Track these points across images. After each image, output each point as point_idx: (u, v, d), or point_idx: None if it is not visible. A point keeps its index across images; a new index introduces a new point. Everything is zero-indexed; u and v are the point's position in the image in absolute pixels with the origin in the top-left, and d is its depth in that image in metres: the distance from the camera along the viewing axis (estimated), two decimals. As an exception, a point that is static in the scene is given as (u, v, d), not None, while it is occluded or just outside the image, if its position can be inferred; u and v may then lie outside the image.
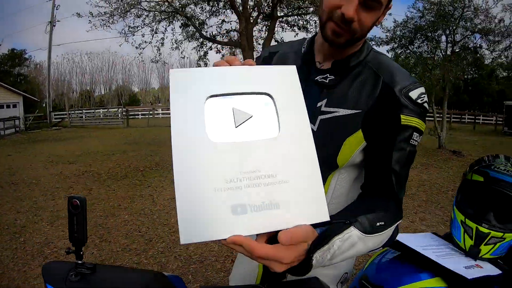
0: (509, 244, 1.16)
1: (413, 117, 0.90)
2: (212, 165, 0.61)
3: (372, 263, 1.24)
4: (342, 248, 0.73)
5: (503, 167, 1.21)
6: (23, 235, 4.18)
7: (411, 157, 0.94)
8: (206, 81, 0.66)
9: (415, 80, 0.93)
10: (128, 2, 8.03)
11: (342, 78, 0.97)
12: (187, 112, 0.64)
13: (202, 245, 3.80)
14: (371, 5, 0.85)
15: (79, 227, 1.04)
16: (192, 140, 0.62)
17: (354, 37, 0.90)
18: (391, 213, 0.87)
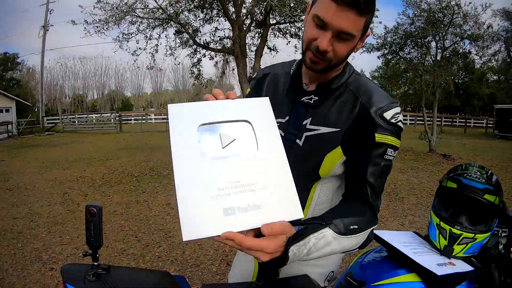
0: (481, 244, 1.30)
1: (387, 135, 1.03)
2: (207, 178, 0.78)
3: (357, 262, 1.38)
4: (317, 245, 0.88)
5: (475, 175, 1.35)
6: (20, 240, 4.24)
7: (386, 170, 1.07)
8: (197, 112, 0.85)
9: (392, 101, 1.06)
10: (122, 9, 8.12)
11: (325, 99, 1.11)
12: (183, 137, 0.81)
13: (197, 249, 3.91)
14: (344, 37, 0.97)
15: (95, 233, 1.17)
16: (189, 159, 0.79)
17: (331, 65, 1.03)
18: (366, 219, 1.01)
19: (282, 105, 1.18)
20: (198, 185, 0.77)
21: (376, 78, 15.80)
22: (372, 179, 1.05)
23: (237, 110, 0.88)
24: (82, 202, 5.80)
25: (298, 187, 0.98)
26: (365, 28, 0.99)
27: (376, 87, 1.10)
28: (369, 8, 0.93)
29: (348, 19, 0.93)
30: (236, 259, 1.45)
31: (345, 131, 1.06)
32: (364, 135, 1.04)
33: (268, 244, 0.77)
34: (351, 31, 0.95)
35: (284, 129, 1.15)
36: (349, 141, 1.06)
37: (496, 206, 1.31)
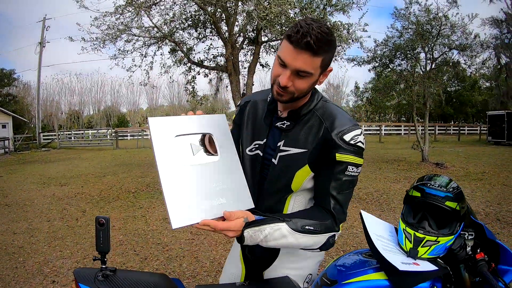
0: (445, 246, 1.44)
1: (347, 155, 1.21)
2: (185, 180, 1.04)
3: (332, 264, 1.54)
4: (274, 235, 1.14)
5: (437, 185, 1.53)
6: (21, 255, 4.36)
7: (348, 185, 1.24)
8: (172, 125, 1.09)
9: (353, 124, 1.25)
10: (119, 27, 8.32)
11: (296, 124, 1.31)
12: (164, 145, 1.04)
13: (194, 261, 4.04)
14: (303, 75, 1.15)
15: (104, 240, 1.35)
16: (171, 164, 1.04)
17: (294, 97, 1.23)
18: (324, 225, 1.20)
19: (261, 129, 1.39)
20: (179, 186, 1.03)
21: (369, 89, 16.06)
22: (335, 192, 1.24)
23: (202, 124, 1.16)
24: (80, 218, 5.91)
25: (275, 199, 1.30)
26: (325, 66, 1.18)
27: (340, 112, 1.30)
28: (323, 49, 1.11)
29: (303, 60, 1.12)
30: (226, 264, 1.65)
31: (311, 151, 1.25)
32: (327, 155, 1.23)
33: (232, 224, 1.07)
34: (307, 69, 1.14)
35: (262, 149, 1.37)
36: (315, 160, 1.25)
37: (457, 212, 1.46)
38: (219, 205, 1.08)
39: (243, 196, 1.15)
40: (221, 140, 1.17)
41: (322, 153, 1.24)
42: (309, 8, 6.58)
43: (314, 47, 1.08)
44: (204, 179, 1.08)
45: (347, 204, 1.27)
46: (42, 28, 28.85)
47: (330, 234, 1.23)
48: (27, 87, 44.21)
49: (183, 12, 8.86)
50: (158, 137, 1.04)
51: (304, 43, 1.08)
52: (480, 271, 1.39)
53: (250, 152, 1.41)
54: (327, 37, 1.10)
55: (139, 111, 54.76)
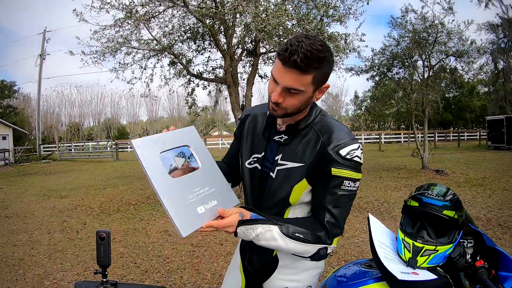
0: (444, 255, 1.45)
1: (343, 169, 1.22)
2: (180, 192, 1.14)
3: (332, 275, 1.55)
4: (265, 236, 1.20)
5: (434, 194, 1.54)
6: (22, 267, 4.35)
7: (345, 200, 1.25)
8: (154, 143, 1.17)
9: (351, 138, 1.25)
10: (118, 41, 8.38)
11: (293, 138, 1.32)
12: (153, 163, 1.12)
13: (195, 273, 4.02)
14: (293, 92, 1.17)
15: (104, 254, 1.37)
16: (163, 180, 1.12)
17: (288, 113, 1.25)
18: (314, 236, 1.23)
19: (259, 142, 1.41)
20: (176, 198, 1.12)
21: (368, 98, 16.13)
22: (330, 206, 1.25)
23: (179, 138, 1.25)
24: (81, 230, 5.91)
25: (273, 211, 1.35)
26: (317, 82, 1.19)
27: (338, 126, 1.30)
28: (313, 67, 1.12)
29: (292, 78, 1.14)
30: (226, 276, 1.65)
31: (309, 165, 1.26)
32: (324, 169, 1.24)
33: (230, 220, 1.18)
34: (296, 87, 1.16)
35: (260, 163, 1.39)
36: (313, 174, 1.27)
37: (455, 220, 1.48)
38: (213, 207, 1.20)
39: (228, 195, 1.28)
40: (198, 149, 1.28)
41: (319, 167, 1.25)
42: (307, 19, 6.64)
43: (301, 66, 1.10)
44: (195, 187, 1.19)
45: (343, 218, 1.28)
46: (42, 40, 29.11)
47: (321, 246, 1.24)
48: (27, 99, 44.46)
49: (182, 24, 8.94)
50: (145, 157, 1.11)
51: (292, 61, 1.10)
52: (480, 279, 1.40)
53: (249, 165, 1.43)
54: (318, 54, 1.11)
55: (139, 123, 54.90)
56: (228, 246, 4.87)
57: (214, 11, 6.62)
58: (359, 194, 8.14)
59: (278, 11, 5.96)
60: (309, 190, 1.30)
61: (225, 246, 4.90)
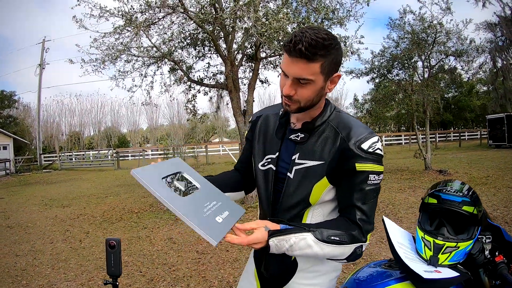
0: (464, 251, 1.42)
1: (366, 164, 1.19)
2: (195, 207, 1.14)
3: (351, 278, 1.51)
4: (299, 245, 1.14)
5: (453, 190, 1.50)
6: (25, 278, 4.29)
7: (372, 194, 1.22)
8: (154, 171, 1.19)
9: (369, 132, 1.23)
10: (118, 48, 8.37)
11: (310, 136, 1.29)
12: (160, 187, 1.13)
13: (202, 281, 3.97)
14: (303, 82, 1.16)
15: (115, 263, 1.31)
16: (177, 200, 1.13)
17: (301, 106, 1.23)
18: (350, 236, 1.18)
19: (272, 143, 1.37)
20: (195, 212, 1.12)
21: (368, 101, 16.08)
22: (360, 203, 1.21)
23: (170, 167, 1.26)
24: (84, 239, 5.85)
25: (292, 213, 1.30)
26: (327, 71, 1.17)
27: (355, 121, 1.28)
28: (319, 54, 1.11)
29: (299, 67, 1.13)
30: (240, 282, 1.59)
31: (329, 163, 1.23)
32: (347, 166, 1.21)
33: (256, 237, 1.12)
34: (305, 76, 1.14)
35: (274, 163, 1.34)
36: (334, 171, 1.23)
37: (475, 216, 1.44)
38: (227, 216, 1.19)
39: (235, 207, 1.27)
40: (190, 173, 1.30)
41: (341, 164, 1.22)
42: (307, 22, 6.62)
43: (307, 54, 1.10)
44: (206, 202, 1.20)
45: (373, 213, 1.25)
46: (42, 50, 29.13)
47: (357, 244, 1.21)
48: (27, 109, 44.47)
49: (182, 31, 8.92)
50: (151, 182, 1.13)
51: (297, 50, 1.10)
52: (501, 274, 1.38)
53: (262, 167, 1.38)
54: (323, 42, 1.10)
55: (139, 131, 54.85)
56: (234, 253, 4.81)
57: (214, 16, 6.60)
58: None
59: (278, 14, 5.93)
60: (329, 189, 1.27)
61: (231, 252, 4.84)
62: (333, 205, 1.32)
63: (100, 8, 7.41)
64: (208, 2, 6.81)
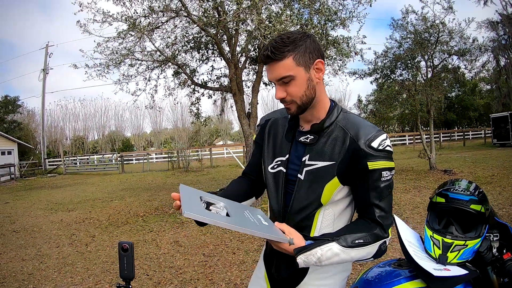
0: (473, 249, 1.43)
1: (378, 161, 1.22)
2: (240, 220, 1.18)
3: (361, 278, 1.52)
4: (326, 255, 1.17)
5: (460, 189, 1.51)
6: (31, 282, 4.31)
7: (387, 190, 1.25)
8: (195, 192, 1.25)
9: (378, 130, 1.25)
10: (122, 53, 8.40)
11: (319, 137, 1.31)
12: (196, 206, 1.15)
13: (209, 284, 3.97)
14: (286, 80, 1.22)
15: (128, 266, 1.31)
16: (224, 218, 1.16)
17: (299, 104, 1.26)
18: (373, 235, 1.21)
19: (282, 145, 1.39)
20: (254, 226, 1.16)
21: (372, 102, 16.05)
22: (377, 201, 1.24)
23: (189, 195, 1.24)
24: (90, 243, 5.86)
25: (303, 215, 1.32)
26: (303, 62, 1.21)
27: (362, 120, 1.30)
28: (286, 50, 1.18)
29: (274, 69, 1.21)
30: (250, 285, 1.59)
31: (339, 163, 1.25)
32: (359, 166, 1.22)
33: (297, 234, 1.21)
34: (284, 74, 1.21)
35: (284, 165, 1.36)
36: (345, 171, 1.25)
37: (482, 214, 1.45)
38: (263, 218, 1.27)
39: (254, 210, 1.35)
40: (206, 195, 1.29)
41: (352, 164, 1.24)
42: (310, 24, 6.63)
43: (273, 55, 1.19)
44: (242, 214, 1.25)
45: (390, 208, 1.28)
46: (45, 55, 29.27)
47: (381, 241, 1.24)
48: (31, 114, 44.62)
49: (185, 34, 8.96)
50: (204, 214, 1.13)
51: (265, 56, 1.21)
52: (509, 271, 1.39)
53: (272, 169, 1.40)
54: (287, 40, 1.19)
55: (143, 135, 54.94)
56: (241, 255, 4.82)
57: (217, 19, 6.62)
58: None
59: (281, 16, 5.95)
60: (340, 189, 1.28)
61: (238, 255, 4.84)
62: (343, 204, 1.33)
63: (103, 13, 7.45)
64: (211, 6, 6.83)
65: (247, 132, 8.14)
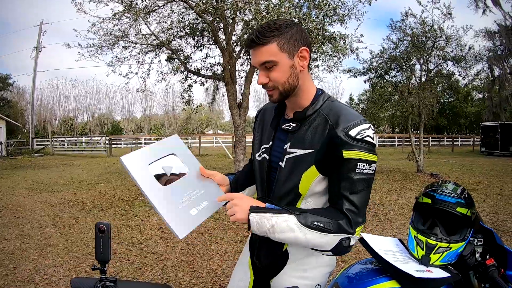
0: (456, 252, 1.42)
1: (354, 151, 1.15)
2: (172, 197, 1.22)
3: (343, 273, 1.51)
4: (281, 226, 1.14)
5: (447, 191, 1.50)
6: (12, 261, 4.25)
7: (361, 184, 1.17)
8: (143, 157, 1.25)
9: (361, 119, 1.19)
10: (116, 34, 8.29)
11: (301, 125, 1.28)
12: (143, 175, 1.21)
13: (190, 272, 3.96)
14: (269, 66, 1.21)
15: (104, 248, 1.28)
16: (155, 189, 1.21)
17: (281, 91, 1.25)
18: (335, 224, 1.15)
19: (268, 133, 1.39)
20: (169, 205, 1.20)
21: (364, 101, 16.08)
22: (347, 193, 1.17)
23: (164, 148, 1.33)
24: (73, 225, 5.80)
25: (283, 203, 1.28)
26: (287, 49, 1.21)
27: (346, 108, 1.25)
28: (270, 36, 1.18)
29: (258, 54, 1.21)
30: (235, 271, 1.60)
31: (317, 151, 1.21)
32: (335, 154, 1.18)
33: (240, 197, 1.23)
34: (266, 59, 1.20)
35: (268, 153, 1.35)
36: (322, 160, 1.21)
37: (468, 218, 1.45)
38: (205, 207, 1.27)
39: (216, 192, 1.35)
40: (183, 155, 1.35)
41: (329, 152, 1.19)
42: (308, 18, 6.59)
43: (258, 39, 1.19)
44: (185, 191, 1.27)
45: (363, 205, 1.20)
46: (39, 33, 28.80)
47: (343, 235, 1.17)
48: (22, 92, 43.94)
49: (181, 20, 8.85)
50: (135, 170, 1.20)
51: (250, 40, 1.22)
52: (492, 276, 1.39)
53: (258, 157, 1.40)
54: (273, 26, 1.19)
55: (133, 119, 54.47)
56: (223, 245, 4.81)
57: (215, 6, 6.54)
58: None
59: (280, 8, 5.90)
60: (319, 179, 1.24)
61: (221, 244, 4.83)
62: (327, 198, 1.29)
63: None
64: (209, -8, 6.75)
65: (237, 122, 8.11)
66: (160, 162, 1.28)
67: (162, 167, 1.27)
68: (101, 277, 1.27)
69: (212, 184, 1.36)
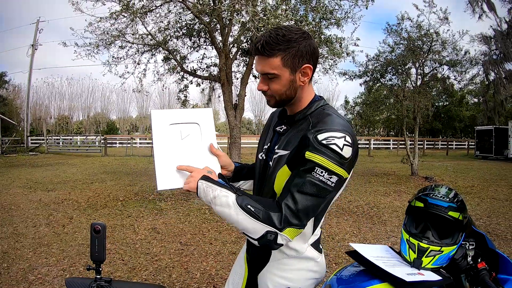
0: (448, 256, 1.44)
1: (316, 154, 1.14)
2: (172, 156, 1.37)
3: (334, 276, 1.52)
4: (221, 200, 1.21)
5: (439, 195, 1.52)
6: (6, 261, 4.23)
7: (311, 188, 1.14)
8: (169, 116, 1.41)
9: (340, 129, 1.17)
10: (113, 34, 8.28)
11: (291, 128, 1.34)
12: (160, 130, 1.38)
13: (184, 272, 3.96)
14: (270, 76, 1.25)
15: (99, 248, 1.29)
16: (162, 142, 1.37)
17: (277, 99, 1.30)
18: (266, 213, 1.16)
19: (269, 135, 1.45)
20: (167, 159, 1.35)
21: (359, 104, 16.16)
22: (294, 189, 1.16)
23: (192, 116, 1.45)
24: (67, 225, 5.79)
25: None
26: (290, 64, 1.22)
27: (334, 117, 1.24)
28: (277, 49, 1.19)
29: (261, 64, 1.24)
30: (234, 266, 1.66)
31: (291, 152, 1.25)
32: (300, 153, 1.19)
33: (196, 169, 1.34)
34: (268, 71, 1.23)
35: (265, 154, 1.41)
36: (291, 159, 1.24)
37: (460, 222, 1.46)
38: None
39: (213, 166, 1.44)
40: (205, 128, 1.45)
41: (298, 152, 1.21)
42: (305, 20, 6.62)
43: (264, 50, 1.20)
44: (186, 158, 1.38)
45: (305, 210, 1.16)
46: (35, 30, 28.56)
47: (269, 228, 1.15)
48: (17, 90, 43.62)
49: (178, 20, 8.86)
50: (156, 125, 1.37)
51: (255, 48, 1.23)
52: (483, 280, 1.40)
53: (260, 156, 1.46)
54: (281, 38, 1.18)
55: (129, 119, 54.31)
56: (218, 246, 4.82)
57: (212, 8, 6.56)
58: (349, 197, 8.17)
59: (277, 10, 5.93)
60: None
61: (215, 245, 4.84)
62: None
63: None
64: (207, -6, 6.76)
65: (233, 123, 8.12)
66: (182, 126, 1.42)
67: (180, 130, 1.41)
68: (96, 277, 1.29)
69: (214, 162, 1.46)
